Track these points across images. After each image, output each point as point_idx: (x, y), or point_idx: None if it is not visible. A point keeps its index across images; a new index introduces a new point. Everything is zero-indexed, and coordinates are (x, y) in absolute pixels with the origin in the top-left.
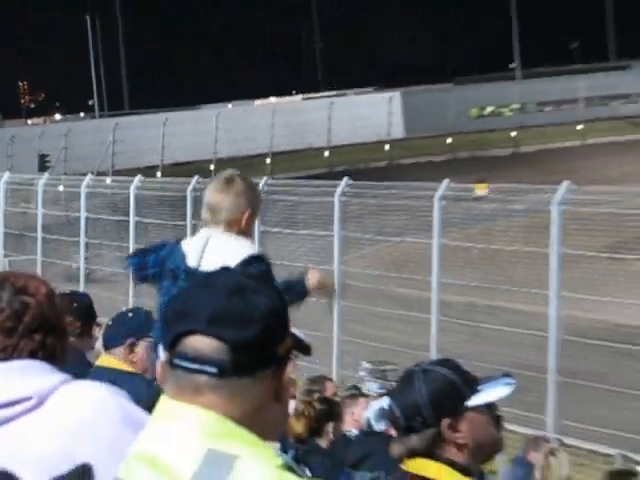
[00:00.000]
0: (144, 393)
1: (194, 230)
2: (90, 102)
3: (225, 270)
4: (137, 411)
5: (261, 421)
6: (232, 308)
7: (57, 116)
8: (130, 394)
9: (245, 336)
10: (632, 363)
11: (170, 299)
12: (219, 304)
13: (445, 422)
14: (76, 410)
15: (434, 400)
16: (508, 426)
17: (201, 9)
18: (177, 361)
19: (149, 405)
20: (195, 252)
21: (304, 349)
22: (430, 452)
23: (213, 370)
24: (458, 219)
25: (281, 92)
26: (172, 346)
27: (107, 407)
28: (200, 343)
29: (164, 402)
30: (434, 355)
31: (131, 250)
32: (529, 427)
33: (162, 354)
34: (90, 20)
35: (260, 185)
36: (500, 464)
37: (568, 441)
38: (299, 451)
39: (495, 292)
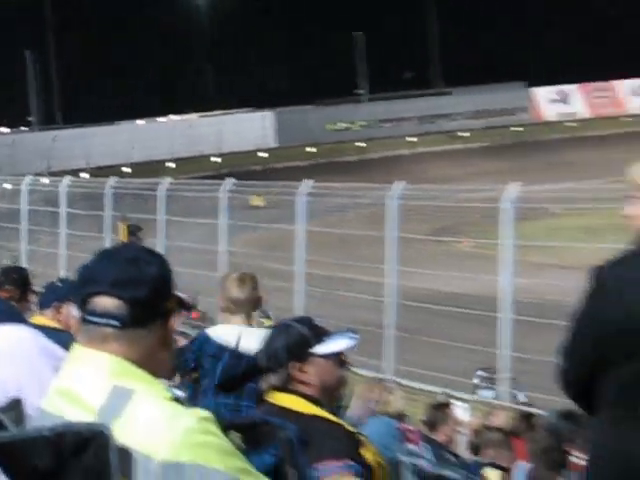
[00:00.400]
0: (66, 344)
1: (113, 220)
2: (29, 119)
3: (125, 244)
4: (51, 344)
5: (154, 363)
6: (129, 274)
7: (3, 129)
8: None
9: (139, 296)
10: (451, 321)
11: (80, 268)
12: (119, 271)
13: (294, 365)
14: (1, 346)
15: (287, 348)
16: (356, 370)
17: (118, 49)
18: (87, 317)
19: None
20: (232, 340)
21: (186, 306)
22: (285, 388)
23: (116, 323)
24: (319, 210)
25: (181, 111)
26: (83, 305)
27: (26, 341)
28: (105, 302)
29: (78, 349)
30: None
31: (63, 235)
32: (372, 371)
33: (75, 312)
34: (29, 54)
35: (165, 184)
36: (350, 400)
37: (402, 382)
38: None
39: (346, 266)
